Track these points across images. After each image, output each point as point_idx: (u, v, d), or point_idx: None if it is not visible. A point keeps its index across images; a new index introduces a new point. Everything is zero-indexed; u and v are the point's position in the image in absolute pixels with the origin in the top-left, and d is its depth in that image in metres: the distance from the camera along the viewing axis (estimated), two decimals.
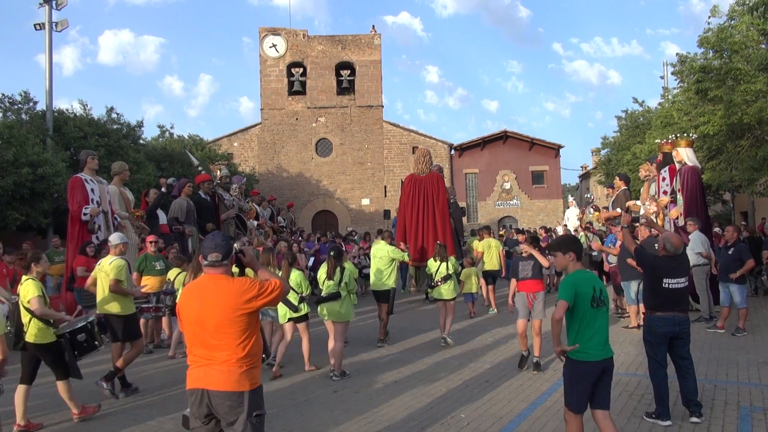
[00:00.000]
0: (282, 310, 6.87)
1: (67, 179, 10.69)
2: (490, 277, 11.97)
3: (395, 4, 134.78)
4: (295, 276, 6.99)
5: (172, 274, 8.47)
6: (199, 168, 14.12)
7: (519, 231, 18.16)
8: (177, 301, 4.60)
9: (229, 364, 3.05)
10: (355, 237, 18.68)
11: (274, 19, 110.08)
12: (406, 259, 10.09)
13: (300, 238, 15.72)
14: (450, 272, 8.62)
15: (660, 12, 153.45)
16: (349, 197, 32.45)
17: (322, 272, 7.07)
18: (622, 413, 5.25)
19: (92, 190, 9.51)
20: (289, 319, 6.95)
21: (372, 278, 9.06)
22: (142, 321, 7.92)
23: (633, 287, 8.99)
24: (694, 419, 4.95)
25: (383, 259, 8.83)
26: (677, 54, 15.42)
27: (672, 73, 16.50)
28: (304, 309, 7.00)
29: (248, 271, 3.55)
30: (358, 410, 5.61)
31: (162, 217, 11.38)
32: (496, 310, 11.45)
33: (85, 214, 9.30)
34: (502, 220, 32.46)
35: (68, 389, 5.36)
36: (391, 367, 7.31)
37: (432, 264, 8.75)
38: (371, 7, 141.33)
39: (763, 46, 12.76)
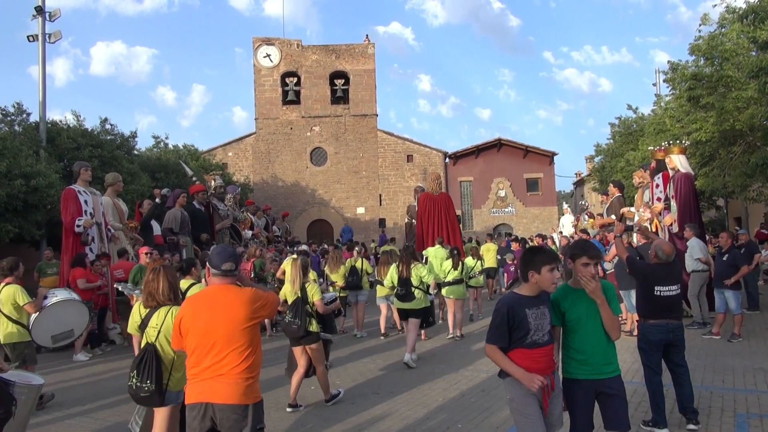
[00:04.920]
0: (447, 289, 9.56)
1: (61, 191, 10.66)
2: (492, 271, 15.34)
3: (386, 14, 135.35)
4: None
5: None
6: (194, 178, 14.13)
7: (517, 240, 18.06)
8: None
9: (235, 376, 3.04)
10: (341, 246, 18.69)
11: (266, 29, 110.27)
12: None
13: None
14: (480, 269, 11.79)
15: (648, 20, 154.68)
16: (344, 206, 32.45)
17: (447, 264, 9.81)
18: None
19: (85, 201, 9.49)
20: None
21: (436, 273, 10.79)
22: None
23: (633, 295, 9.00)
24: (691, 426, 4.94)
25: (441, 258, 10.76)
26: (669, 62, 15.58)
27: (664, 81, 16.67)
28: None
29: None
30: (354, 421, 5.57)
31: (156, 228, 11.36)
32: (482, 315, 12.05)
33: (78, 226, 9.26)
34: (498, 227, 32.45)
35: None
36: (387, 377, 7.29)
37: (470, 261, 11.17)
38: (363, 18, 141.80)
39: (754, 53, 12.86)
